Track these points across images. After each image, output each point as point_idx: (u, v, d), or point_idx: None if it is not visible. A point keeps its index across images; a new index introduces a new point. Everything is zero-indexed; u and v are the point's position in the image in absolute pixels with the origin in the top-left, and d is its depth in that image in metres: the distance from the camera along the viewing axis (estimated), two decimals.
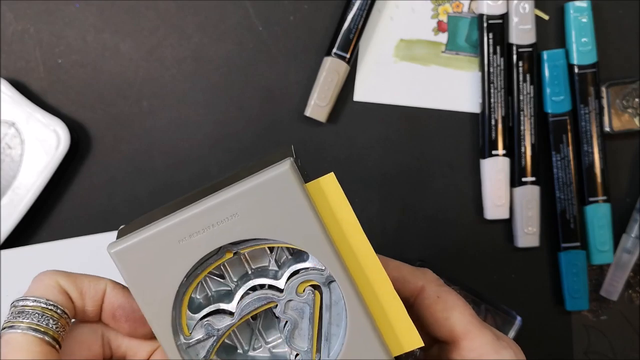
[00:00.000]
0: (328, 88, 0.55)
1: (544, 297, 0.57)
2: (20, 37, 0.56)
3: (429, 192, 0.57)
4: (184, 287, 0.33)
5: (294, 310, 0.33)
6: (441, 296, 0.36)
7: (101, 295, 0.34)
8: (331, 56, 0.55)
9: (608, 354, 0.57)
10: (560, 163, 0.56)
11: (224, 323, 0.33)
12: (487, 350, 0.34)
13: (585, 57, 0.55)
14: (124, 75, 0.56)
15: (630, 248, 0.56)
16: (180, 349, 0.33)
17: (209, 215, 0.31)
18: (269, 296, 0.33)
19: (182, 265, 0.32)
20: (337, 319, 0.33)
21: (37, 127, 0.54)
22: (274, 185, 0.31)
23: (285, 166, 0.31)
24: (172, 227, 0.31)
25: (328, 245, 0.32)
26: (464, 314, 0.36)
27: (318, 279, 0.33)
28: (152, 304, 0.32)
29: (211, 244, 0.32)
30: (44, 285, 0.33)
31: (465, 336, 0.35)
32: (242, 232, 0.31)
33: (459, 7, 0.57)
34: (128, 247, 0.32)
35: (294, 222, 0.31)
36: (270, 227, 0.32)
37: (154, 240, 0.32)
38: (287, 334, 0.33)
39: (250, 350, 0.35)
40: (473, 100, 0.57)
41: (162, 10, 0.56)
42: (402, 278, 0.37)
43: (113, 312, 0.34)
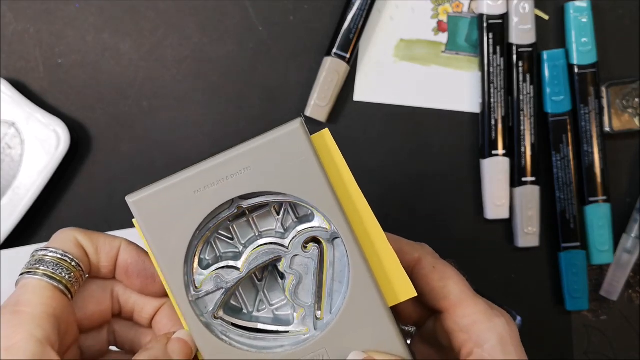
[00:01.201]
0: (328, 88, 0.55)
1: (544, 297, 0.57)
2: (20, 37, 0.56)
3: (429, 192, 0.57)
4: (196, 239, 0.34)
5: (299, 266, 0.35)
6: (437, 267, 0.38)
7: (115, 253, 0.36)
8: (331, 56, 0.55)
9: (608, 354, 0.57)
10: (560, 163, 0.56)
11: (232, 276, 0.34)
12: (480, 317, 0.36)
13: (585, 57, 0.55)
14: (124, 75, 0.56)
15: (630, 248, 0.56)
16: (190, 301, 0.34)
17: (223, 168, 0.33)
18: (275, 250, 0.35)
19: (196, 215, 0.34)
20: (339, 276, 0.35)
21: (37, 127, 0.54)
22: (285, 141, 0.33)
23: (296, 124, 0.33)
24: (189, 178, 0.33)
25: (334, 200, 0.33)
26: (459, 283, 0.37)
27: (323, 235, 0.35)
28: (166, 253, 0.34)
29: (224, 195, 0.33)
30: (62, 239, 0.35)
31: (460, 304, 0.36)
32: (253, 184, 0.33)
33: (459, 7, 0.57)
34: (146, 196, 0.34)
35: (303, 177, 0.33)
36: (280, 181, 0.33)
37: (170, 191, 0.33)
38: (292, 289, 0.35)
39: (254, 311, 0.36)
40: (473, 100, 0.57)
41: (162, 10, 0.56)
42: (400, 250, 0.38)
43: (126, 268, 0.36)
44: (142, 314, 0.37)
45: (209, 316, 0.35)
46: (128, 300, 0.37)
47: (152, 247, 0.34)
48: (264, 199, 0.34)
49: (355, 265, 0.34)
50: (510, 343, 0.36)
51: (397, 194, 0.57)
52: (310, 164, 0.33)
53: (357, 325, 0.34)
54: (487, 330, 0.36)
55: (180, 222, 0.34)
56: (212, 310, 0.35)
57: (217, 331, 0.35)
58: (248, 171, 0.33)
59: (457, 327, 0.37)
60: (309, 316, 0.35)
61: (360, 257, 0.34)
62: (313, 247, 0.35)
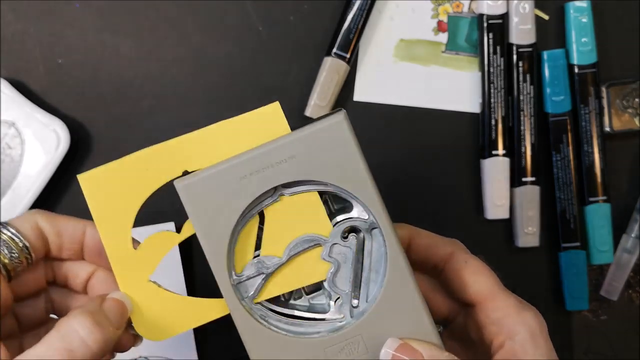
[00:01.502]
0: (328, 88, 0.55)
1: (544, 297, 0.57)
2: (20, 37, 0.56)
3: (429, 192, 0.57)
4: (240, 225, 0.36)
5: (338, 254, 0.36)
6: (469, 262, 0.39)
7: (80, 235, 0.38)
8: (331, 56, 0.55)
9: (608, 354, 0.57)
10: (560, 163, 0.56)
11: (273, 262, 0.36)
12: (511, 311, 0.37)
13: (585, 57, 0.55)
14: (124, 75, 0.56)
15: (630, 248, 0.56)
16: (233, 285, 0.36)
17: (268, 156, 0.35)
18: (315, 238, 0.36)
19: (241, 201, 0.35)
20: (376, 265, 0.36)
21: (37, 127, 0.54)
22: (329, 133, 0.34)
23: (340, 117, 0.34)
24: (235, 165, 0.35)
25: (374, 191, 0.35)
26: (490, 278, 0.38)
27: (361, 225, 0.36)
28: (211, 237, 0.35)
29: (268, 182, 0.35)
30: (21, 220, 0.36)
31: (491, 298, 0.38)
32: (296, 173, 0.35)
33: (459, 7, 0.57)
34: (194, 182, 0.35)
35: (345, 167, 0.35)
36: (323, 170, 0.35)
37: (217, 177, 0.35)
38: (330, 277, 0.36)
39: (291, 299, 0.38)
40: (473, 100, 0.57)
41: (162, 10, 0.56)
42: (434, 244, 0.40)
43: (98, 249, 0.37)
44: (76, 279, 0.39)
45: (249, 300, 0.36)
46: (61, 267, 0.39)
47: (198, 231, 0.35)
48: (306, 188, 0.36)
49: (393, 255, 0.35)
50: (540, 336, 0.37)
51: (397, 194, 0.57)
52: (352, 155, 0.35)
53: (393, 313, 0.35)
54: (517, 323, 0.37)
55: (226, 208, 0.35)
56: (253, 294, 0.36)
57: (257, 315, 0.36)
58: (292, 160, 0.35)
59: (488, 320, 0.38)
60: (345, 304, 0.36)
61: (397, 247, 0.35)
62: (352, 236, 0.36)
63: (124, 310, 0.36)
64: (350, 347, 0.36)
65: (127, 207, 0.37)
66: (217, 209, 0.35)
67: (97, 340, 0.33)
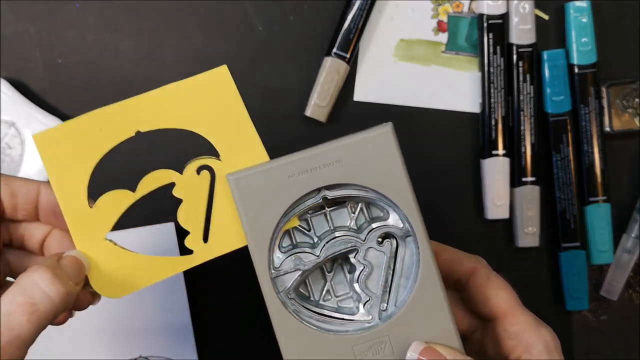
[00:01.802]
0: (328, 88, 0.55)
1: (544, 297, 0.57)
2: (20, 37, 0.56)
3: (429, 192, 0.57)
4: (283, 221, 0.37)
5: (372, 258, 0.38)
6: (491, 278, 0.41)
7: (34, 196, 0.38)
8: (331, 56, 0.55)
9: (608, 354, 0.57)
10: (560, 163, 0.56)
11: (310, 259, 0.38)
12: (528, 327, 0.39)
13: (585, 57, 0.55)
14: (124, 75, 0.56)
15: (630, 248, 0.56)
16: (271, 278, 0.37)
17: (316, 158, 0.37)
18: (352, 241, 0.38)
19: (287, 197, 0.37)
20: (407, 272, 0.38)
21: (37, 127, 0.54)
22: (376, 142, 0.37)
23: (387, 127, 0.37)
24: (285, 164, 0.37)
25: (413, 200, 0.37)
26: (510, 294, 0.40)
27: (397, 232, 0.38)
28: (256, 229, 0.37)
29: (314, 182, 0.37)
30: None
31: (511, 313, 0.40)
32: (341, 176, 0.37)
33: (459, 7, 0.57)
34: (245, 176, 0.37)
35: (388, 175, 0.37)
36: (367, 176, 0.37)
37: (268, 173, 0.37)
38: (362, 279, 0.38)
39: (320, 300, 0.39)
40: (473, 100, 0.57)
41: (162, 10, 0.56)
42: (458, 259, 0.42)
43: (53, 209, 0.38)
44: (32, 240, 0.39)
45: (285, 295, 0.38)
46: (17, 228, 0.39)
47: (244, 221, 0.37)
48: (349, 192, 0.38)
49: (425, 263, 0.37)
50: (555, 351, 0.39)
51: None
52: (396, 165, 0.37)
53: (420, 318, 0.37)
54: (534, 337, 0.39)
55: (272, 203, 0.37)
56: (288, 288, 0.38)
57: (291, 309, 0.38)
58: (338, 164, 0.37)
59: (506, 334, 0.40)
60: (374, 306, 0.38)
61: (430, 256, 0.37)
62: (387, 242, 0.38)
63: (81, 267, 0.37)
64: (377, 347, 0.37)
65: (82, 166, 0.38)
66: (264, 203, 0.37)
67: (59, 292, 0.34)
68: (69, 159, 0.38)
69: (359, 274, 0.38)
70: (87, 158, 0.38)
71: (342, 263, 0.40)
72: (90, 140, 0.38)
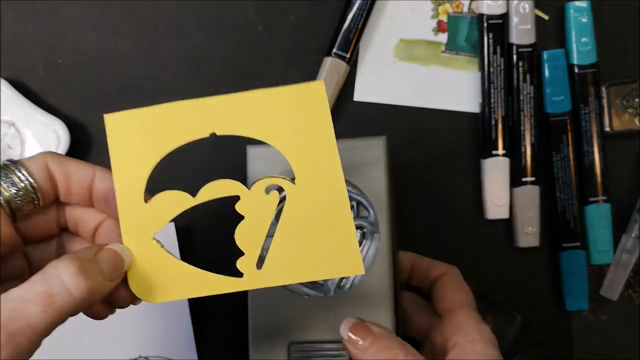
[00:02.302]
0: (328, 88, 0.55)
1: (544, 297, 0.57)
2: (20, 37, 0.56)
3: (429, 192, 0.57)
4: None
5: None
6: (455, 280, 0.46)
7: (88, 180, 0.37)
8: (331, 56, 0.55)
9: (608, 354, 0.57)
10: (560, 163, 0.56)
11: None
12: (471, 320, 0.43)
13: (585, 57, 0.55)
14: (124, 75, 0.56)
15: (630, 248, 0.56)
16: None
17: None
18: None
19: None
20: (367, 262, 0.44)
21: (37, 127, 0.54)
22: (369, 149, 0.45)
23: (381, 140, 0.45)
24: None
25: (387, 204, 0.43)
26: (466, 297, 0.45)
27: (367, 227, 0.44)
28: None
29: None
30: (32, 160, 0.36)
31: (459, 311, 0.44)
32: None
33: (459, 7, 0.57)
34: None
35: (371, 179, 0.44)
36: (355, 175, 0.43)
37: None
38: None
39: None
40: (473, 100, 0.57)
41: (162, 10, 0.56)
42: (432, 266, 0.48)
43: (105, 196, 0.36)
44: (86, 227, 0.38)
45: None
46: (73, 212, 0.38)
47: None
48: None
49: (381, 256, 0.43)
50: (493, 343, 0.41)
51: (397, 194, 0.57)
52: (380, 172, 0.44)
53: (365, 299, 0.42)
54: (474, 329, 0.42)
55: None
56: None
57: None
58: None
59: (449, 325, 0.43)
60: (333, 282, 0.44)
61: (387, 253, 0.43)
62: (358, 232, 0.44)
63: (120, 263, 0.35)
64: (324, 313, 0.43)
65: (147, 158, 0.35)
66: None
67: (80, 287, 0.32)
68: (136, 147, 0.35)
69: None
70: (154, 150, 0.35)
71: None
72: (162, 133, 0.35)
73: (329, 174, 0.35)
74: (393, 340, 0.39)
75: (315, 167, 0.35)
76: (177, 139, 0.35)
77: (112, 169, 0.35)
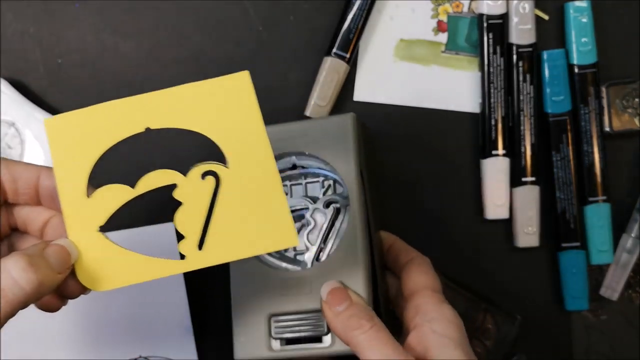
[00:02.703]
0: (328, 88, 0.55)
1: (544, 297, 0.57)
2: (20, 37, 0.56)
3: (429, 192, 0.57)
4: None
5: (318, 218, 0.46)
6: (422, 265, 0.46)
7: (34, 180, 0.39)
8: (331, 56, 0.55)
9: (608, 354, 0.57)
10: (560, 163, 0.56)
11: None
12: (432, 300, 0.42)
13: (585, 57, 0.55)
14: (124, 75, 0.56)
15: (630, 248, 0.56)
16: None
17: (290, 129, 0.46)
18: (304, 201, 0.47)
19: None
20: (341, 234, 0.46)
21: (37, 127, 0.54)
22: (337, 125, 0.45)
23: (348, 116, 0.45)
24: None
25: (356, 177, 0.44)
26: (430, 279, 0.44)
27: (341, 202, 0.46)
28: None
29: (286, 147, 0.45)
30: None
31: (422, 292, 0.43)
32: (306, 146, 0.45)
33: (459, 7, 0.57)
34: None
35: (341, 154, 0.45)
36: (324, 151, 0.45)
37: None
38: (306, 231, 0.46)
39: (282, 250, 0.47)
40: (473, 100, 0.57)
41: (162, 10, 0.56)
42: (405, 250, 0.47)
43: (50, 193, 0.38)
44: (34, 225, 0.40)
45: None
46: (20, 212, 0.40)
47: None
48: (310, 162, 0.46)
49: (352, 228, 0.44)
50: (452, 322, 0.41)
51: (397, 194, 0.57)
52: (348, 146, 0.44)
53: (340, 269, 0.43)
54: (432, 310, 0.42)
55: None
56: None
57: None
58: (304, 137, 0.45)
59: (411, 307, 0.43)
60: (312, 255, 0.46)
61: (359, 224, 0.44)
62: (332, 207, 0.46)
63: (66, 256, 0.37)
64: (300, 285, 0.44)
65: (87, 155, 0.38)
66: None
67: (30, 281, 0.34)
68: (75, 146, 0.37)
69: (305, 229, 0.46)
70: (93, 148, 0.38)
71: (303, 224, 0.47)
72: (99, 131, 0.38)
73: (260, 156, 0.37)
74: (365, 310, 0.41)
75: (246, 151, 0.38)
76: (114, 135, 0.38)
77: (54, 167, 0.38)
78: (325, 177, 0.47)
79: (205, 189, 0.38)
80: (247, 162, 0.38)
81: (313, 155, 0.45)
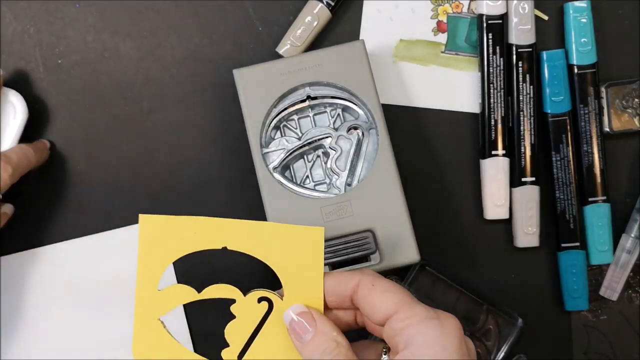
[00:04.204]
0: (305, 29, 0.54)
1: (544, 297, 0.57)
2: (20, 37, 0.56)
3: (429, 192, 0.57)
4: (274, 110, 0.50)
5: (342, 144, 0.50)
6: (375, 284, 0.40)
7: None
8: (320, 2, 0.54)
9: (608, 354, 0.57)
10: (560, 163, 0.56)
11: (293, 142, 0.50)
12: (414, 320, 0.37)
13: (585, 57, 0.55)
14: (124, 76, 0.56)
15: (630, 248, 0.56)
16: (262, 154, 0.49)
17: (302, 61, 0.50)
18: (327, 130, 0.50)
19: (279, 89, 0.49)
20: (369, 157, 0.50)
21: None
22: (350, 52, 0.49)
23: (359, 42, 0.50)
24: (277, 64, 0.50)
25: (376, 97, 0.49)
26: (398, 294, 0.39)
27: (363, 125, 0.50)
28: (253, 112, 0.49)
29: (300, 79, 0.49)
30: None
31: (396, 312, 0.38)
32: (322, 76, 0.49)
33: (459, 7, 0.57)
34: (247, 70, 0.50)
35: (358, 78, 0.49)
36: (340, 77, 0.49)
37: (265, 68, 0.49)
38: (334, 159, 0.50)
39: (301, 182, 0.51)
40: (473, 100, 0.57)
41: (162, 10, 0.56)
42: (343, 280, 0.41)
43: None
44: None
45: (271, 168, 0.49)
46: None
47: (244, 107, 0.49)
48: (326, 91, 0.50)
49: (383, 148, 0.48)
50: (437, 343, 0.37)
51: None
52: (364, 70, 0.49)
53: (375, 189, 0.48)
54: (417, 332, 0.37)
55: (267, 92, 0.49)
56: (275, 164, 0.49)
57: (275, 177, 0.49)
58: (319, 67, 0.49)
59: (393, 333, 0.38)
60: (342, 181, 0.49)
61: (387, 144, 0.48)
62: (355, 132, 0.49)
63: None
64: (340, 210, 0.48)
65: (167, 255, 0.42)
66: (260, 92, 0.49)
67: None
68: (160, 245, 0.42)
69: (332, 157, 0.49)
70: (174, 250, 0.42)
71: (320, 156, 0.51)
72: (183, 238, 0.42)
73: (312, 300, 0.42)
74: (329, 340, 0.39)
75: (301, 291, 0.42)
76: (195, 245, 0.42)
77: (138, 259, 0.42)
78: (334, 107, 0.50)
79: (258, 311, 0.42)
80: (298, 297, 0.42)
81: (331, 83, 0.49)
